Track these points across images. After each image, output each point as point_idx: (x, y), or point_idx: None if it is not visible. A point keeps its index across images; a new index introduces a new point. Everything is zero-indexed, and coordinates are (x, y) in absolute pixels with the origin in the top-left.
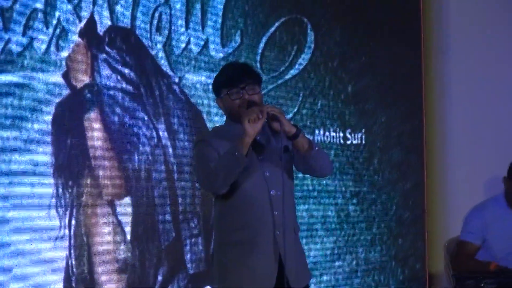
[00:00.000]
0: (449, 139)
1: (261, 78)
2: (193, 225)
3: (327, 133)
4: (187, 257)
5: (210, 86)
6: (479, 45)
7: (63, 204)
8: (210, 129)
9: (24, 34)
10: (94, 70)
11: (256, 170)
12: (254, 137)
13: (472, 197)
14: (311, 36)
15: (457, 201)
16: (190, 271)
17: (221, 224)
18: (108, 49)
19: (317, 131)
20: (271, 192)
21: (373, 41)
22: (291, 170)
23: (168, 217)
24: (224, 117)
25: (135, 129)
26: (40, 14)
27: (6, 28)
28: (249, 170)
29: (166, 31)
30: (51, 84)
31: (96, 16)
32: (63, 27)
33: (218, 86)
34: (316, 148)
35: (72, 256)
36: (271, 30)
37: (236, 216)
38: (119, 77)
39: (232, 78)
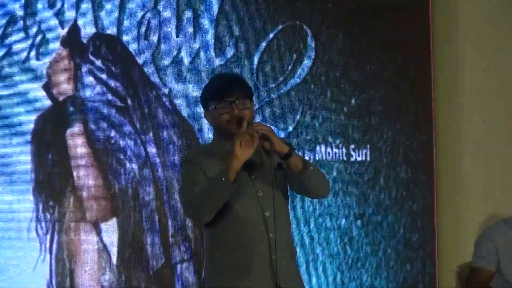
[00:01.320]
0: (461, 156)
1: (252, 92)
2: (184, 249)
3: (329, 149)
4: (178, 283)
5: None
6: (493, 54)
7: (43, 226)
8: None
9: (2, 41)
10: (77, 81)
11: (248, 190)
12: (243, 162)
13: (486, 219)
14: (311, 44)
15: (470, 223)
16: None
17: (213, 248)
18: (92, 58)
19: (318, 147)
20: (265, 213)
21: (378, 49)
22: (286, 189)
23: (157, 240)
24: None
25: (122, 145)
26: (20, 21)
27: None
28: (241, 190)
29: (155, 39)
30: (31, 96)
31: (80, 23)
32: (44, 34)
33: (206, 99)
34: (311, 168)
35: (54, 282)
36: (269, 38)
37: (228, 239)
38: (104, 89)
39: (221, 91)
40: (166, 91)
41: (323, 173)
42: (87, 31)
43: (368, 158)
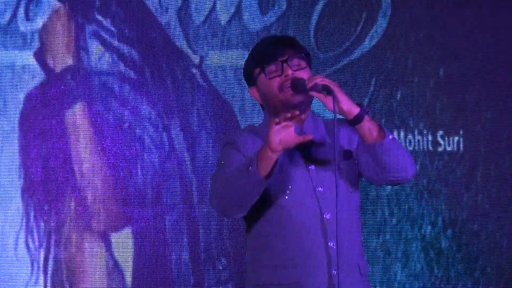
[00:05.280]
0: None
1: (309, 53)
2: (220, 268)
3: (410, 136)
4: None
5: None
6: None
7: (35, 238)
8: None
9: None
10: (79, 47)
11: (304, 183)
12: (279, 153)
13: None
14: None
15: None
16: None
17: (256, 261)
18: (99, 17)
19: (395, 133)
20: (324, 216)
21: (476, 5)
22: (355, 185)
23: (185, 256)
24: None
25: (138, 131)
26: None
27: None
28: (294, 183)
29: None
30: (19, 67)
31: None
32: None
33: (250, 68)
34: (391, 137)
35: None
36: None
37: (276, 249)
38: (115, 57)
39: (268, 51)
40: (197, 60)
41: (405, 147)
42: None
43: (461, 147)
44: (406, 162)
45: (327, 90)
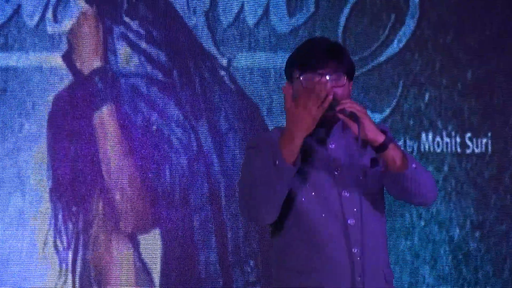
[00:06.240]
0: None
1: (353, 67)
2: (248, 269)
3: (438, 138)
4: None
5: (273, 71)
6: None
7: (64, 239)
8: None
9: None
10: (107, 49)
11: (329, 189)
12: (308, 132)
13: None
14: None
15: None
16: None
17: (280, 264)
18: (127, 19)
19: (423, 135)
20: (348, 222)
21: (505, 7)
22: (382, 191)
23: (213, 257)
24: None
25: (166, 133)
26: None
27: None
28: (319, 188)
29: None
30: (47, 69)
31: None
32: None
33: (291, 67)
34: (414, 166)
35: None
36: None
37: (298, 254)
38: (142, 59)
39: (311, 57)
40: (224, 62)
41: (428, 172)
42: None
43: (490, 149)
44: (426, 190)
45: (353, 118)
